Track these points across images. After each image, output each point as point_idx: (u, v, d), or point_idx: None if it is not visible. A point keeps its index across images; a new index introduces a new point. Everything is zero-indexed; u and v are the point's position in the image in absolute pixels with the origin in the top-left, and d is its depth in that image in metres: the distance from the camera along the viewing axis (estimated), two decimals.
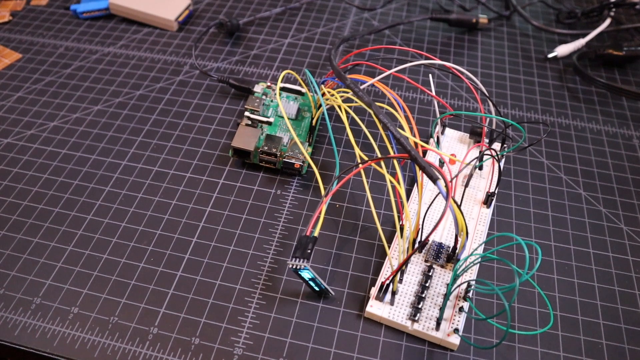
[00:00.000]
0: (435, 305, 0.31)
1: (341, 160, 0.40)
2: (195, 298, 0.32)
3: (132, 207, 0.37)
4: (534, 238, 0.36)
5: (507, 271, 0.34)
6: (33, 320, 0.31)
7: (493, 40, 0.52)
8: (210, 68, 0.48)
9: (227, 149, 0.40)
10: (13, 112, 0.43)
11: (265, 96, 0.42)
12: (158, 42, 0.51)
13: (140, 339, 0.30)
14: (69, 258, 0.34)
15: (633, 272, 0.34)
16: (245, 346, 0.30)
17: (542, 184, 0.39)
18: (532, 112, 0.45)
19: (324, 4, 0.56)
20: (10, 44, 0.50)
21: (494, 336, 0.31)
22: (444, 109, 0.44)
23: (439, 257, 0.33)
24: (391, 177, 0.32)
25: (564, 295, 0.33)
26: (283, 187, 0.38)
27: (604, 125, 0.44)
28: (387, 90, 0.37)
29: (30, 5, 0.55)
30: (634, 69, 0.50)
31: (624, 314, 0.32)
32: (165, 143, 0.41)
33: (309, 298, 0.32)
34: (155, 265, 0.33)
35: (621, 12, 0.56)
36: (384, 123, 0.31)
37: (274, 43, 0.51)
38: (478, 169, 0.38)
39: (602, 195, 0.38)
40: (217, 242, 0.35)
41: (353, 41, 0.51)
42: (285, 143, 0.38)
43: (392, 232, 0.36)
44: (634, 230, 0.36)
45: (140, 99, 0.44)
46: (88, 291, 0.32)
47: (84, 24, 0.53)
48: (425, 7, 0.56)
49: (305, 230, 0.30)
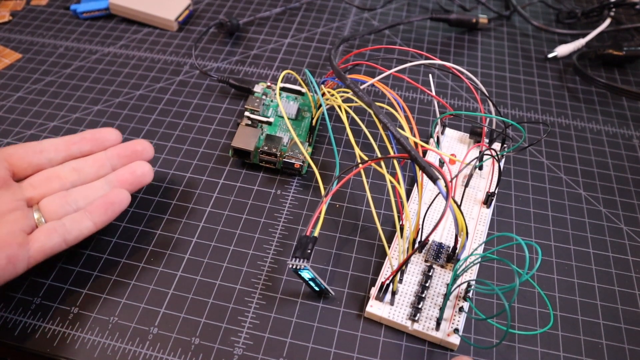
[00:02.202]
0: (435, 305, 0.31)
1: (341, 160, 0.40)
2: (195, 298, 0.32)
3: (132, 207, 0.36)
4: (534, 238, 0.36)
5: (507, 271, 0.34)
6: (33, 320, 0.31)
7: (493, 40, 0.52)
8: (210, 68, 0.48)
9: (227, 149, 0.40)
10: (13, 112, 0.43)
11: (265, 96, 0.42)
12: (158, 42, 0.51)
13: (140, 339, 0.30)
14: (69, 258, 0.34)
15: (633, 272, 0.34)
16: (245, 346, 0.30)
17: (542, 184, 0.39)
18: (532, 112, 0.45)
19: (324, 4, 0.56)
20: (10, 44, 0.50)
21: (494, 336, 0.31)
22: (444, 109, 0.44)
23: (439, 257, 0.33)
24: (391, 177, 0.32)
25: (564, 295, 0.33)
26: (283, 187, 0.38)
27: (604, 125, 0.44)
28: (387, 90, 0.37)
29: (30, 5, 0.55)
30: (634, 69, 0.50)
31: (624, 314, 0.32)
32: (165, 143, 0.41)
33: (309, 298, 0.32)
34: (155, 265, 0.33)
35: (621, 12, 0.55)
36: (384, 123, 0.31)
37: (274, 43, 0.51)
38: (478, 169, 0.38)
39: (602, 195, 0.38)
40: (217, 242, 0.35)
41: (353, 41, 0.51)
42: (285, 143, 0.38)
43: (392, 232, 0.36)
44: (634, 230, 0.36)
45: (140, 99, 0.44)
46: (88, 291, 0.32)
47: (84, 24, 0.53)
48: (425, 7, 0.56)
49: (305, 230, 0.30)
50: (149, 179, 0.34)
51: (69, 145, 0.34)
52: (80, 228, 0.30)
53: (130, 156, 0.34)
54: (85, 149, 0.34)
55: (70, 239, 0.30)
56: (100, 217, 0.31)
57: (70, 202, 0.32)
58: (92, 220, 0.31)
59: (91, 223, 0.31)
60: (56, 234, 0.30)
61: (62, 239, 0.30)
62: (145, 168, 0.33)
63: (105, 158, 0.34)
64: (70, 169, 0.33)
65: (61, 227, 0.30)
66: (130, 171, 0.33)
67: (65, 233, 0.30)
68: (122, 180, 0.33)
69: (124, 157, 0.34)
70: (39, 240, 0.29)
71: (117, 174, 0.33)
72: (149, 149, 0.35)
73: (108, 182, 0.33)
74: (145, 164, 0.34)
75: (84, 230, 0.30)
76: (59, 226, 0.30)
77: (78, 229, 0.30)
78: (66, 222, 0.30)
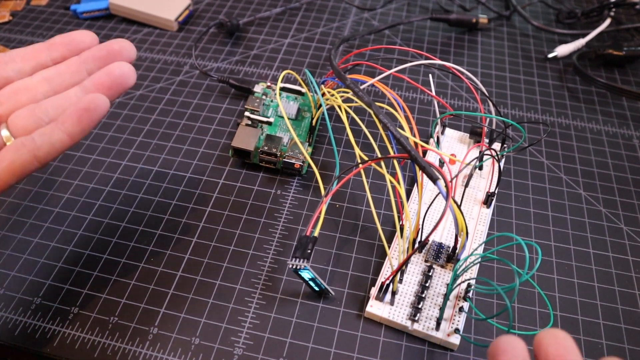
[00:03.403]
0: (435, 305, 0.31)
1: (341, 160, 0.40)
2: (195, 298, 0.32)
3: (132, 207, 0.37)
4: (534, 238, 0.36)
5: (507, 271, 0.34)
6: (33, 320, 0.31)
7: (493, 40, 0.52)
8: (210, 68, 0.48)
9: (227, 149, 0.40)
10: None
11: (265, 96, 0.42)
12: (158, 42, 0.51)
13: (140, 339, 0.30)
14: (69, 258, 0.34)
15: (633, 272, 0.34)
16: (245, 346, 0.30)
17: (542, 184, 0.39)
18: (532, 112, 0.45)
19: (324, 4, 0.56)
20: (10, 44, 0.50)
21: (494, 336, 0.31)
22: (444, 109, 0.44)
23: (439, 257, 0.33)
24: (391, 177, 0.32)
25: (564, 295, 0.33)
26: (283, 187, 0.38)
27: (604, 125, 0.44)
28: (387, 90, 0.37)
29: (30, 5, 0.55)
30: (634, 69, 0.50)
31: (624, 314, 0.32)
32: (165, 143, 0.41)
33: (309, 298, 0.32)
34: (155, 265, 0.33)
35: (621, 12, 0.55)
36: (384, 123, 0.31)
37: (274, 43, 0.51)
38: (478, 169, 0.38)
39: (602, 195, 0.38)
40: (217, 242, 0.35)
41: (353, 41, 0.51)
42: (285, 143, 0.38)
43: (392, 232, 0.36)
44: (634, 230, 0.36)
45: (140, 99, 0.44)
46: (88, 291, 0.32)
47: (84, 24, 0.53)
48: (425, 7, 0.56)
49: (305, 230, 0.30)
50: (131, 81, 0.30)
51: (38, 53, 0.30)
52: (52, 141, 0.27)
53: (107, 57, 0.30)
54: (56, 55, 0.30)
55: (41, 155, 0.27)
56: (74, 127, 0.27)
57: (41, 114, 0.28)
58: (65, 132, 0.27)
59: (64, 135, 0.27)
60: (25, 149, 0.26)
61: (32, 156, 0.27)
62: (124, 68, 0.29)
63: (80, 62, 0.30)
64: (40, 78, 0.30)
65: (30, 142, 0.27)
66: (107, 72, 0.29)
67: (34, 149, 0.27)
68: (98, 83, 0.29)
69: (100, 59, 0.30)
70: (6, 159, 0.26)
71: (93, 78, 0.29)
72: (129, 48, 0.31)
73: (83, 88, 0.29)
74: (125, 64, 0.29)
75: (56, 144, 0.27)
76: (28, 141, 0.27)
77: (49, 142, 0.27)
78: (35, 136, 0.27)
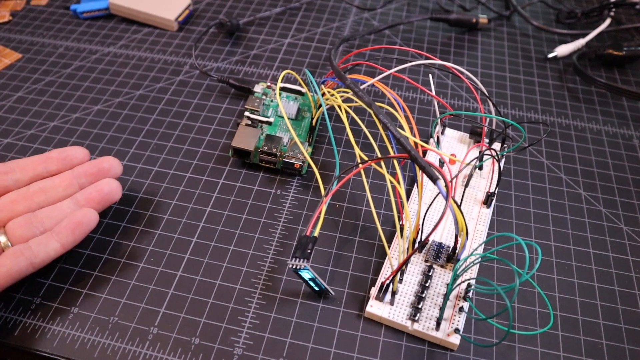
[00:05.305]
0: (435, 305, 0.31)
1: (341, 160, 0.40)
2: (195, 298, 0.32)
3: (132, 207, 0.37)
4: (534, 238, 0.36)
5: (507, 271, 0.34)
6: (33, 320, 0.31)
7: (493, 40, 0.52)
8: (210, 68, 0.48)
9: (227, 149, 0.40)
10: (13, 112, 0.43)
11: (265, 96, 0.42)
12: (158, 42, 0.51)
13: (140, 339, 0.30)
14: (69, 258, 0.34)
15: (633, 272, 0.34)
16: (245, 346, 0.30)
17: (542, 184, 0.39)
18: (532, 112, 0.45)
19: (324, 4, 0.56)
20: (10, 44, 0.50)
21: (494, 336, 0.31)
22: (444, 109, 0.44)
23: (439, 257, 0.33)
24: (391, 177, 0.32)
25: (564, 295, 0.33)
26: (283, 187, 0.38)
27: (604, 125, 0.44)
28: (387, 90, 0.37)
29: (30, 5, 0.55)
30: (634, 69, 0.50)
31: (624, 314, 0.32)
32: (165, 143, 0.41)
33: (309, 298, 0.32)
34: (155, 265, 0.33)
35: (621, 12, 0.56)
36: (384, 123, 0.31)
37: (274, 43, 0.51)
38: (478, 169, 0.38)
39: (602, 195, 0.38)
40: (217, 242, 0.35)
41: (353, 41, 0.51)
42: (285, 143, 0.38)
43: (392, 232, 0.36)
44: (634, 230, 0.36)
45: (140, 99, 0.44)
46: (88, 291, 0.32)
47: (84, 24, 0.53)
48: (425, 7, 0.56)
49: (305, 230, 0.30)
50: (117, 197, 0.33)
51: (36, 165, 0.34)
52: (47, 250, 0.30)
53: (97, 174, 0.34)
54: (52, 168, 0.34)
55: (37, 262, 0.30)
56: (68, 238, 0.30)
57: (37, 223, 0.31)
58: (60, 242, 0.30)
59: (58, 245, 0.30)
60: (23, 257, 0.29)
61: (28, 263, 0.29)
62: (112, 185, 0.33)
63: (73, 177, 0.34)
64: (37, 189, 0.33)
65: (27, 250, 0.30)
66: (97, 189, 0.33)
67: (32, 256, 0.29)
68: (89, 198, 0.32)
69: (91, 175, 0.34)
70: (5, 265, 0.29)
71: (84, 193, 0.33)
72: (117, 166, 0.34)
73: (75, 201, 0.32)
74: (113, 181, 0.33)
75: (51, 252, 0.30)
76: (26, 249, 0.30)
77: (45, 251, 0.30)
78: (32, 244, 0.30)
